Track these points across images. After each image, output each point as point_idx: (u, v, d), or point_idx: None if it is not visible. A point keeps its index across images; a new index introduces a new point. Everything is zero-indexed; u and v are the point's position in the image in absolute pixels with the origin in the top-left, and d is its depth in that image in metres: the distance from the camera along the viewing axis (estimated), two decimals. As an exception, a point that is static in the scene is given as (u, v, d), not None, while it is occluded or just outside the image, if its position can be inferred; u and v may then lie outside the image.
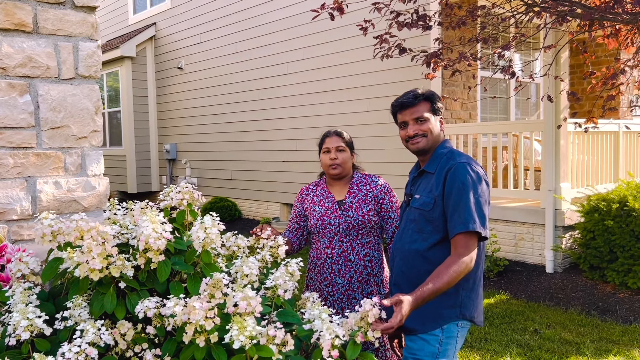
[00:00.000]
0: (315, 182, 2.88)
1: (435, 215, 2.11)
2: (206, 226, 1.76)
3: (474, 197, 2.04)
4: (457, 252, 2.00)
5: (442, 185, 2.10)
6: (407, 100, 2.21)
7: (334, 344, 1.49)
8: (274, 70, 8.68)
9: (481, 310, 2.21)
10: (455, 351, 2.16)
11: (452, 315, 2.10)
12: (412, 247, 2.17)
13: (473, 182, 2.06)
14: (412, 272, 2.17)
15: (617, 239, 5.16)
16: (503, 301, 5.13)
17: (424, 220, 2.14)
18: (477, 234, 2.02)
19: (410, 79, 6.55)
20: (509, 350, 4.01)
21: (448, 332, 2.11)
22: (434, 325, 2.09)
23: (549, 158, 5.74)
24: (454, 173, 2.08)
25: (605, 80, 4.89)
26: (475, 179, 2.07)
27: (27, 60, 2.15)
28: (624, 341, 4.14)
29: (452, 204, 2.05)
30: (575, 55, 8.68)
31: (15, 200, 2.12)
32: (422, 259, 2.14)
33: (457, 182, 2.06)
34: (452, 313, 2.10)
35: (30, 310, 1.58)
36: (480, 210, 2.04)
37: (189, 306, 1.45)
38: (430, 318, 2.09)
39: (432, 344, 2.10)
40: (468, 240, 2.01)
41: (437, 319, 2.10)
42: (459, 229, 2.01)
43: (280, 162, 8.75)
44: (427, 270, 2.09)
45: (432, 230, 2.12)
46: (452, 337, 2.12)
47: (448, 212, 2.07)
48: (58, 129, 2.23)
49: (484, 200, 2.07)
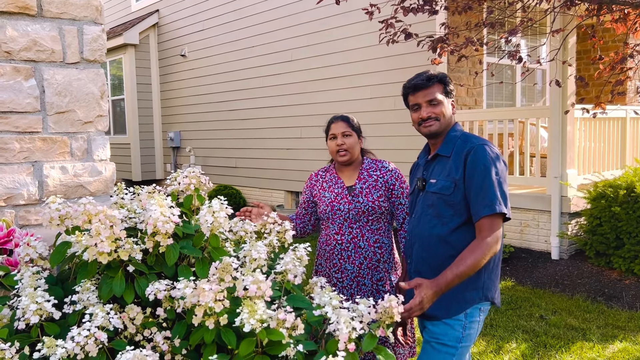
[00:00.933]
0: (325, 168, 2.85)
1: (456, 199, 2.08)
2: (214, 210, 1.75)
3: (496, 177, 2.03)
4: (481, 235, 1.99)
5: (463, 168, 2.07)
6: (420, 82, 2.17)
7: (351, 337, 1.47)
8: (278, 57, 8.63)
9: (499, 291, 2.21)
10: (476, 336, 2.16)
11: (475, 298, 2.09)
12: (433, 232, 2.14)
13: (494, 164, 2.05)
14: (433, 257, 2.15)
15: (623, 225, 5.14)
16: (509, 287, 5.12)
17: (444, 205, 2.12)
18: (502, 215, 2.00)
19: (416, 65, 6.50)
20: (514, 336, 4.01)
21: (471, 316, 2.10)
22: (457, 310, 2.08)
23: (555, 144, 5.70)
24: (474, 155, 2.06)
25: (614, 65, 4.84)
26: (496, 160, 2.06)
27: (31, 44, 2.13)
28: (630, 327, 4.13)
29: (475, 187, 2.03)
30: (582, 41, 8.59)
31: (22, 185, 2.11)
32: (444, 244, 2.11)
33: (479, 164, 2.04)
34: (475, 295, 2.09)
35: (39, 294, 1.57)
36: (502, 191, 2.03)
37: (198, 288, 1.44)
38: (455, 302, 2.08)
39: (456, 328, 2.09)
40: (493, 222, 1.99)
41: (461, 302, 2.08)
42: (485, 211, 1.99)
43: (285, 150, 8.73)
44: (450, 255, 2.07)
45: (454, 214, 2.10)
46: (475, 322, 2.12)
47: (471, 195, 2.04)
48: (64, 114, 2.21)
49: (504, 180, 2.06)
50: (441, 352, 2.10)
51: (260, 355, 1.46)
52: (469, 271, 1.93)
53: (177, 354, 1.59)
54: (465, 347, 2.12)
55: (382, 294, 2.63)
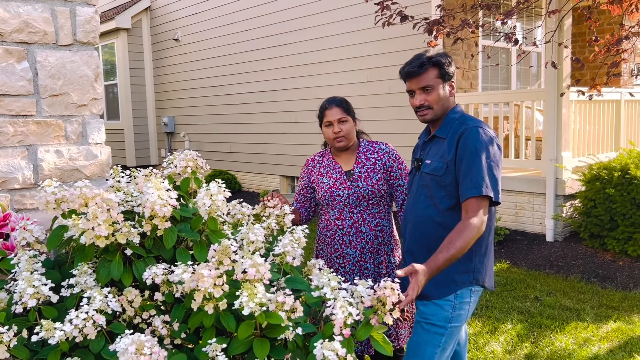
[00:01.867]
0: (321, 152, 2.80)
1: (448, 180, 2.09)
2: (212, 193, 1.74)
3: (486, 161, 2.02)
4: (467, 216, 1.99)
5: (455, 150, 2.07)
6: (412, 69, 2.14)
7: (346, 323, 1.47)
8: (272, 40, 8.56)
9: (492, 275, 2.22)
10: (468, 316, 2.17)
11: (465, 281, 2.10)
12: (425, 213, 2.15)
13: (485, 146, 2.03)
14: (425, 238, 2.16)
15: (618, 207, 5.16)
16: (504, 269, 5.16)
17: (436, 186, 2.12)
18: (489, 198, 2.00)
19: (412, 48, 6.46)
20: (510, 317, 4.05)
21: (461, 297, 2.11)
22: (447, 291, 2.09)
23: (550, 127, 5.70)
24: (466, 137, 2.05)
25: (609, 47, 4.82)
26: (488, 142, 2.05)
27: (23, 25, 2.09)
28: (624, 307, 4.17)
29: (464, 168, 2.03)
30: (577, 24, 8.55)
31: (16, 169, 2.09)
32: (436, 225, 2.12)
33: (469, 146, 2.03)
34: (465, 278, 2.10)
35: (36, 278, 1.56)
36: (492, 174, 2.02)
37: (197, 273, 1.44)
38: (444, 284, 2.09)
39: (446, 309, 2.11)
40: (479, 204, 1.99)
41: (451, 284, 2.10)
42: (471, 193, 1.99)
43: (280, 134, 8.70)
44: (441, 236, 2.08)
45: (445, 196, 2.10)
46: (465, 303, 2.13)
47: (460, 176, 2.04)
48: (58, 97, 2.18)
49: (495, 164, 2.05)
50: (430, 332, 2.12)
51: (259, 338, 1.46)
52: (458, 253, 1.94)
53: (176, 338, 1.59)
54: (454, 328, 2.13)
55: (381, 276, 2.63)
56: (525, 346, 3.61)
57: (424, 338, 2.13)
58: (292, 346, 1.45)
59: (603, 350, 3.52)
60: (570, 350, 3.51)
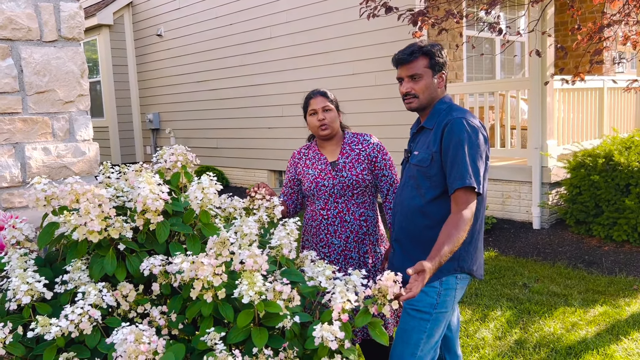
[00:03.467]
0: (307, 145, 2.84)
1: (433, 171, 2.11)
2: (203, 186, 1.74)
3: (469, 152, 2.04)
4: (458, 208, 2.01)
5: (440, 142, 2.10)
6: (403, 56, 2.17)
7: (344, 308, 1.49)
8: (257, 34, 8.52)
9: (481, 264, 2.24)
10: (454, 302, 2.20)
11: (449, 268, 2.13)
12: (412, 203, 2.18)
13: (469, 137, 2.05)
14: (411, 227, 2.19)
15: (602, 193, 5.24)
16: (492, 258, 5.22)
17: (422, 177, 2.15)
18: (474, 188, 2.03)
19: (397, 39, 6.47)
20: (499, 304, 4.10)
21: (446, 284, 2.14)
22: (432, 278, 2.12)
23: (535, 115, 5.76)
24: (450, 128, 2.07)
25: (592, 35, 4.88)
26: (472, 133, 2.06)
27: (7, 22, 2.07)
28: (610, 291, 4.25)
29: (450, 159, 2.05)
30: (559, 13, 8.63)
31: (4, 167, 2.07)
32: (421, 215, 2.16)
33: (454, 137, 2.06)
34: (449, 266, 2.13)
35: (30, 275, 1.56)
36: (475, 166, 2.04)
37: (196, 262, 1.44)
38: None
39: (431, 295, 2.13)
40: (468, 195, 2.02)
41: (436, 271, 2.12)
42: (457, 184, 2.02)
43: (266, 129, 8.68)
44: (426, 226, 2.11)
45: (430, 186, 2.13)
46: (451, 289, 2.15)
47: (446, 168, 2.07)
48: (44, 94, 2.16)
49: (479, 156, 2.07)
50: (415, 317, 2.15)
51: (257, 327, 1.47)
52: (457, 245, 1.98)
53: (173, 329, 1.60)
54: (440, 314, 2.15)
55: (368, 266, 2.66)
56: (515, 332, 3.66)
57: (410, 324, 2.15)
58: (289, 334, 1.46)
59: (591, 334, 3.58)
60: (558, 335, 3.57)
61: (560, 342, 3.48)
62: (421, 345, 2.14)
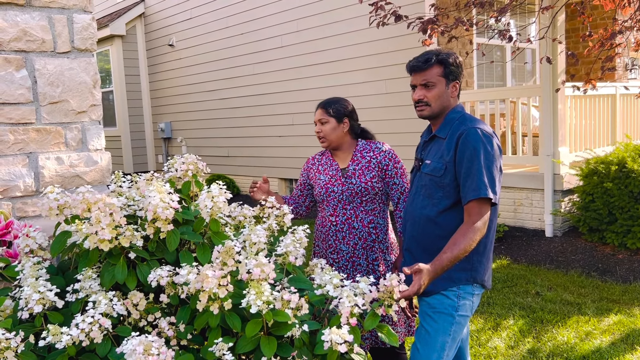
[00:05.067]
0: (322, 151, 2.89)
1: (446, 181, 2.10)
2: (213, 195, 1.75)
3: (485, 162, 2.03)
4: (471, 219, 2.01)
5: (454, 151, 2.09)
6: (417, 63, 2.17)
7: (352, 312, 1.49)
8: (268, 43, 8.58)
9: (490, 274, 2.23)
10: (473, 309, 2.18)
11: (462, 279, 2.12)
12: (423, 213, 2.18)
13: (484, 147, 2.05)
14: (422, 237, 2.18)
15: (616, 200, 5.19)
16: (504, 266, 5.18)
17: (435, 186, 2.14)
18: (489, 199, 2.02)
19: (407, 47, 6.48)
20: (512, 313, 4.06)
21: (464, 289, 2.14)
22: (448, 284, 2.12)
23: (546, 122, 5.73)
24: (465, 138, 2.07)
25: (603, 42, 4.85)
26: (487, 143, 2.06)
27: (21, 34, 2.10)
28: (625, 300, 4.19)
29: (465, 170, 2.04)
30: (570, 20, 8.60)
31: (17, 176, 2.10)
32: (433, 224, 2.15)
33: (469, 147, 2.05)
34: (462, 276, 2.12)
35: (41, 284, 1.57)
36: (491, 176, 2.03)
37: (201, 274, 1.45)
38: (442, 279, 2.11)
39: (452, 298, 2.13)
40: (481, 206, 2.02)
41: (448, 280, 2.11)
42: (472, 195, 2.01)
43: (277, 137, 8.71)
44: (438, 235, 2.10)
45: (443, 196, 2.12)
46: (468, 294, 2.15)
47: (460, 179, 2.06)
48: (57, 104, 2.19)
49: (494, 166, 2.06)
50: (439, 321, 2.13)
51: (265, 336, 1.48)
52: (461, 255, 1.98)
53: (182, 339, 1.61)
54: (462, 317, 2.14)
55: (377, 273, 2.66)
56: (528, 341, 3.62)
57: (434, 327, 2.13)
58: (298, 343, 1.46)
59: (605, 343, 3.54)
60: (572, 344, 3.53)
61: (573, 351, 3.44)
62: (446, 349, 2.12)
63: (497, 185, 2.06)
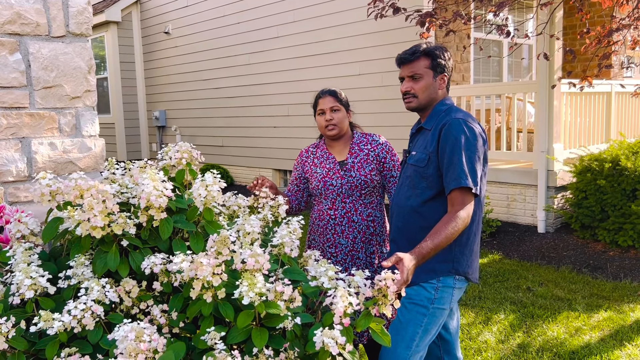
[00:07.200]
0: (315, 144, 2.84)
1: (429, 171, 2.11)
2: (207, 183, 1.74)
3: (466, 153, 2.03)
4: (454, 209, 2.02)
5: (437, 142, 2.10)
6: (405, 55, 2.20)
7: (346, 312, 1.48)
8: (264, 33, 8.52)
9: (476, 268, 2.23)
10: (452, 302, 2.19)
11: (444, 270, 2.12)
12: (407, 203, 2.19)
13: (466, 139, 2.05)
14: (407, 227, 2.19)
15: (608, 198, 5.21)
16: (496, 261, 5.20)
17: (418, 177, 2.15)
18: (470, 189, 2.02)
19: (404, 40, 6.46)
20: (502, 308, 4.08)
21: (444, 282, 2.15)
22: (429, 276, 2.12)
23: (542, 119, 5.74)
24: (448, 129, 2.08)
25: (600, 39, 4.85)
26: (470, 135, 2.06)
27: (15, 16, 2.08)
28: (614, 297, 4.22)
29: (447, 160, 2.05)
30: (568, 16, 8.60)
31: (10, 161, 2.08)
32: (417, 215, 2.16)
33: (450, 138, 2.06)
34: (444, 267, 2.12)
35: (33, 269, 1.56)
36: (472, 166, 2.03)
37: (196, 262, 1.44)
38: (424, 272, 2.12)
39: (429, 290, 2.14)
40: (464, 196, 2.02)
41: (430, 272, 2.12)
42: (453, 185, 2.02)
43: (272, 128, 8.68)
44: (421, 226, 2.11)
45: (426, 187, 2.13)
46: (449, 287, 2.15)
47: (443, 169, 2.07)
48: (51, 89, 2.17)
49: (477, 157, 2.06)
50: (412, 311, 2.14)
51: (257, 327, 1.47)
52: (443, 243, 1.96)
53: (174, 327, 1.60)
54: (437, 310, 2.14)
55: (373, 267, 2.65)
56: (518, 336, 3.65)
57: (406, 317, 2.15)
58: (290, 336, 1.46)
59: (594, 339, 3.56)
60: (562, 340, 3.56)
61: (563, 346, 3.46)
62: (416, 340, 2.13)
63: (479, 175, 2.06)
